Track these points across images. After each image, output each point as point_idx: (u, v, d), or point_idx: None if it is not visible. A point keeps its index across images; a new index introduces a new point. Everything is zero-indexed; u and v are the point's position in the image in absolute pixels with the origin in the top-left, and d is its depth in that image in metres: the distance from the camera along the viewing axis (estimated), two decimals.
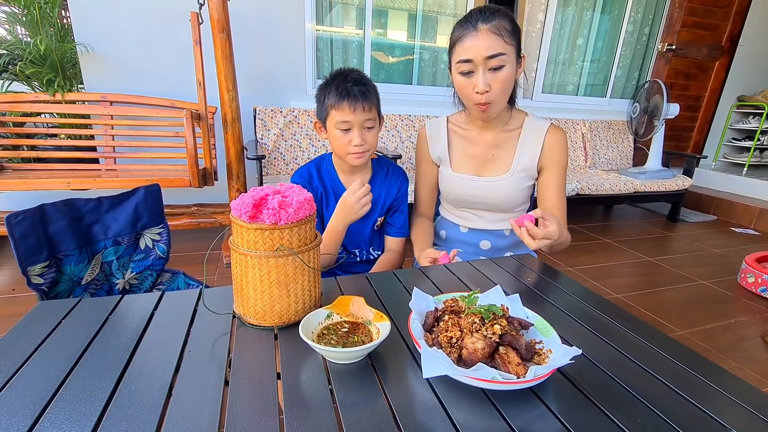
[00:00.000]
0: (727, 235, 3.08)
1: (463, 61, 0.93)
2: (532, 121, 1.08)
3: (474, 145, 1.11)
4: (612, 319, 0.72)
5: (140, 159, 2.28)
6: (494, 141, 1.09)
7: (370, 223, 1.15)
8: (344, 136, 1.00)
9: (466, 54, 0.91)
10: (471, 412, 0.49)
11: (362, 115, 0.99)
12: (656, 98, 3.21)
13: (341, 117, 0.98)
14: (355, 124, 0.99)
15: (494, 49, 0.89)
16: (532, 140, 1.06)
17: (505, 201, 1.10)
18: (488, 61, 0.90)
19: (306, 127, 2.58)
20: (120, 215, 1.05)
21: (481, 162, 1.11)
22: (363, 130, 1.01)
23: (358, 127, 0.99)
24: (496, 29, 0.89)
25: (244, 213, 0.59)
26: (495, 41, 0.89)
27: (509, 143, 1.08)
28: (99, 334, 0.60)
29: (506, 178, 1.08)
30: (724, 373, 0.59)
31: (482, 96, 0.93)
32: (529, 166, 1.07)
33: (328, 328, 0.61)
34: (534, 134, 1.06)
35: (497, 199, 1.10)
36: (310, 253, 0.64)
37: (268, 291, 0.61)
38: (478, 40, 0.89)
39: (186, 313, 0.67)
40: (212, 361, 0.56)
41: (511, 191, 1.09)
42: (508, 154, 1.08)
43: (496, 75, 0.92)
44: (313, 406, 0.49)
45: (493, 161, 1.10)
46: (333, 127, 1.01)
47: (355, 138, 1.00)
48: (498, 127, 1.08)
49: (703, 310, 1.91)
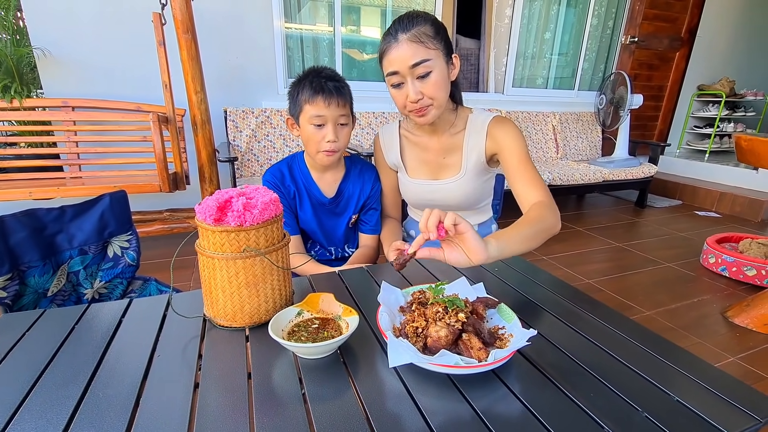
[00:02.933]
0: (691, 219, 3.23)
1: (391, 74, 0.92)
2: (475, 117, 1.07)
3: (425, 151, 1.11)
4: (573, 303, 0.75)
5: (107, 165, 2.21)
6: (443, 146, 1.09)
7: (344, 221, 1.16)
8: (318, 131, 1.00)
9: (392, 66, 0.91)
10: (437, 397, 0.51)
11: (336, 111, 0.98)
12: (621, 89, 3.32)
13: (315, 111, 0.98)
14: (329, 119, 0.99)
15: (416, 57, 0.88)
16: (476, 135, 1.05)
17: (463, 200, 1.12)
18: (414, 69, 0.89)
19: (279, 127, 2.56)
20: (85, 224, 1.03)
21: (434, 167, 1.11)
22: (336, 126, 1.00)
23: (332, 122, 0.99)
24: (415, 37, 0.88)
25: (208, 216, 0.59)
26: (416, 49, 0.88)
27: (457, 144, 1.08)
28: (65, 344, 0.60)
29: (459, 179, 1.09)
30: (675, 348, 0.62)
31: (416, 104, 0.93)
32: (478, 161, 1.06)
33: (299, 325, 0.62)
34: (477, 129, 1.05)
35: (455, 199, 1.12)
36: (278, 252, 0.65)
37: (237, 292, 0.62)
38: (400, 50, 0.89)
39: (155, 318, 0.67)
40: (182, 365, 0.56)
41: (467, 190, 1.10)
42: (457, 157, 1.09)
43: (425, 81, 0.91)
44: (284, 403, 0.50)
45: (445, 165, 1.11)
46: (306, 122, 1.00)
47: (329, 133, 0.99)
48: (445, 130, 1.07)
49: (669, 290, 2.01)
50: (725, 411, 0.51)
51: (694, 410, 0.50)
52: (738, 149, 1.67)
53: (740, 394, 0.53)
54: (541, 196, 0.93)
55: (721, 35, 4.27)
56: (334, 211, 1.15)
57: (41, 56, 2.11)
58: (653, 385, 0.55)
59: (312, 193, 1.12)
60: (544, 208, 0.88)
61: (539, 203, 0.90)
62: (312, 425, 0.47)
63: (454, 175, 1.10)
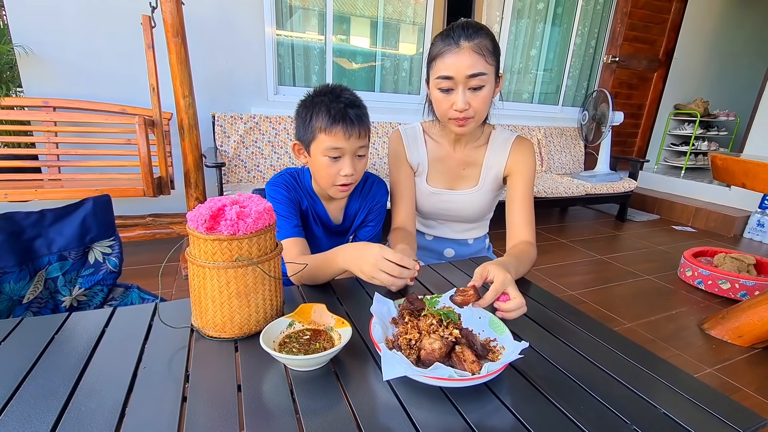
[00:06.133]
0: (668, 233, 3.33)
1: (443, 78, 0.91)
2: (498, 134, 1.10)
3: (446, 160, 1.12)
4: (560, 315, 0.77)
5: (88, 168, 2.15)
6: (464, 157, 1.10)
7: (344, 241, 1.14)
8: (332, 164, 0.89)
9: (447, 71, 0.90)
10: (430, 410, 0.51)
11: (356, 143, 0.88)
12: (603, 106, 3.43)
13: (333, 143, 0.87)
14: (347, 151, 0.88)
15: (476, 68, 0.88)
16: (498, 152, 1.08)
17: (474, 213, 1.14)
18: (469, 80, 0.89)
19: (268, 134, 2.55)
20: (65, 228, 1.00)
21: (452, 177, 1.12)
22: (354, 158, 0.91)
23: (350, 155, 0.89)
24: (478, 48, 0.88)
25: (200, 224, 0.58)
26: (477, 61, 0.88)
27: (477, 158, 1.10)
28: (44, 355, 0.57)
29: (476, 192, 1.11)
30: (658, 360, 0.65)
31: (460, 113, 0.92)
32: (496, 177, 1.10)
33: (290, 336, 0.62)
34: (500, 146, 1.08)
35: (467, 211, 1.14)
36: (271, 262, 0.64)
37: (228, 302, 0.61)
38: (460, 58, 0.88)
39: (140, 328, 0.65)
40: (169, 377, 0.55)
41: (482, 203, 1.12)
42: (477, 169, 1.11)
43: (476, 94, 0.91)
44: (275, 415, 0.49)
45: (463, 177, 1.12)
46: (320, 153, 0.89)
47: (346, 167, 0.89)
48: (469, 143, 1.10)
49: (648, 303, 2.06)
50: (709, 423, 0.52)
51: (679, 422, 0.51)
52: (713, 167, 1.74)
53: (722, 407, 0.55)
54: (532, 236, 1.02)
55: (696, 58, 4.47)
56: (337, 231, 1.11)
57: (22, 54, 2.06)
58: (640, 397, 0.56)
59: (319, 216, 1.05)
60: (533, 249, 0.99)
61: (529, 244, 0.99)
62: (302, 425, 0.46)
63: (471, 187, 1.11)
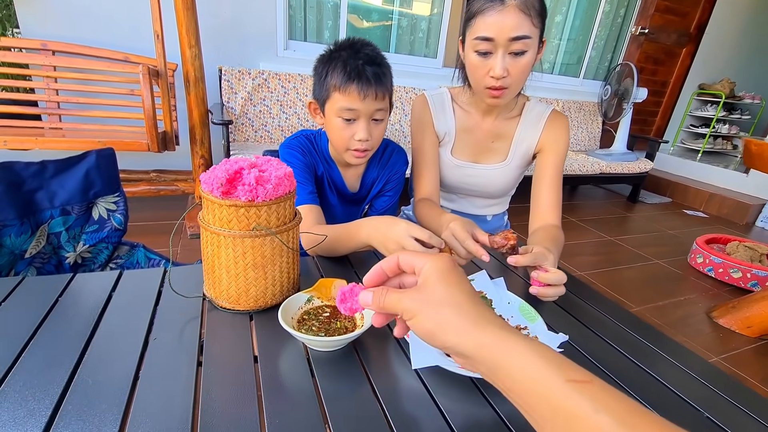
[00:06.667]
0: (680, 217, 3.27)
1: (482, 39, 0.81)
2: (533, 107, 1.02)
3: (474, 131, 1.04)
4: (573, 292, 0.75)
5: (90, 118, 2.07)
6: (494, 129, 1.03)
7: (359, 212, 1.09)
8: (346, 127, 0.83)
9: (488, 31, 0.80)
10: (459, 400, 0.48)
11: (373, 105, 0.81)
12: (627, 81, 3.27)
13: (346, 103, 0.80)
14: (362, 114, 0.81)
15: (520, 30, 0.78)
16: (531, 126, 1.01)
17: (498, 189, 1.08)
18: (511, 43, 0.80)
19: (276, 92, 2.44)
20: (68, 182, 0.94)
21: (479, 149, 1.05)
22: (370, 122, 0.83)
23: (366, 118, 0.82)
24: (525, 7, 0.78)
25: (216, 188, 0.53)
26: (522, 21, 0.78)
27: (508, 131, 1.02)
28: (47, 320, 0.54)
29: (503, 167, 1.04)
30: (669, 341, 0.64)
31: (497, 81, 0.83)
32: (526, 153, 1.03)
33: (309, 312, 0.58)
34: (534, 120, 1.01)
35: (491, 187, 1.07)
36: (290, 232, 0.59)
37: (243, 273, 0.56)
38: (505, 17, 0.78)
39: (149, 295, 0.61)
40: (181, 347, 0.51)
41: (506, 180, 1.06)
42: (507, 142, 1.03)
43: (517, 61, 0.82)
44: (294, 392, 0.46)
45: (491, 150, 1.05)
46: (333, 113, 0.83)
47: (360, 131, 0.82)
48: (501, 114, 1.02)
49: (657, 287, 2.04)
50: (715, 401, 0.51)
51: (687, 400, 0.48)
52: (746, 153, 1.66)
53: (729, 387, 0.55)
54: (558, 219, 0.95)
55: (729, 34, 4.23)
56: (353, 200, 1.04)
57: None
58: (650, 374, 0.53)
59: (334, 183, 0.99)
60: (562, 235, 0.90)
61: (557, 228, 0.92)
62: (326, 418, 0.43)
63: (499, 161, 1.05)
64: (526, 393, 0.28)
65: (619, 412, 0.24)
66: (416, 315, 0.33)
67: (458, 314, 0.31)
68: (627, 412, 0.24)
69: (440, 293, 0.33)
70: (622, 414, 0.23)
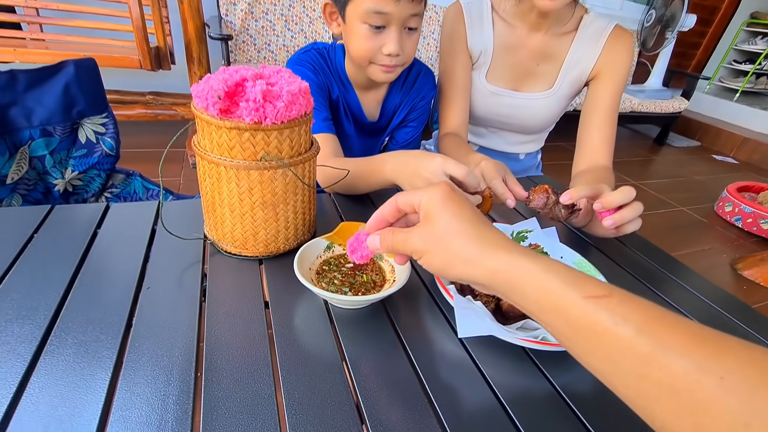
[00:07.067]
0: (707, 163, 3.09)
1: None
2: (591, 21, 0.84)
3: (517, 50, 0.86)
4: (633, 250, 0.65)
5: (75, 29, 1.85)
6: (542, 47, 0.85)
7: (378, 145, 0.96)
8: (374, 36, 0.68)
9: None
10: (509, 371, 0.41)
11: (408, 7, 0.65)
12: (675, 5, 2.89)
13: (376, 5, 0.64)
14: (394, 20, 0.66)
15: None
16: (588, 45, 0.83)
17: (538, 123, 0.93)
18: None
19: (280, 5, 2.16)
20: (45, 97, 0.81)
21: (521, 73, 0.88)
22: (403, 31, 0.69)
23: (398, 25, 0.67)
24: None
25: (211, 103, 0.41)
26: None
27: (559, 51, 0.85)
28: (17, 262, 0.45)
29: (548, 96, 0.88)
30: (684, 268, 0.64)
31: None
32: (578, 79, 0.86)
33: (329, 262, 0.49)
34: (592, 37, 0.83)
35: (531, 120, 0.92)
36: (306, 165, 0.48)
37: (250, 213, 0.46)
38: None
39: (141, 233, 0.52)
40: (181, 294, 0.43)
41: (549, 112, 0.90)
42: (555, 65, 0.86)
43: None
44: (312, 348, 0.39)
45: (535, 75, 0.88)
46: (358, 19, 0.67)
47: (391, 43, 0.67)
48: (553, 27, 0.84)
49: (681, 235, 1.96)
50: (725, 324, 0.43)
51: None
52: None
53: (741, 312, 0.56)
54: (611, 161, 0.82)
55: None
56: (372, 130, 0.90)
57: None
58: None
59: (351, 110, 0.84)
60: (612, 178, 0.78)
61: (609, 171, 0.80)
62: (351, 381, 0.37)
63: (544, 89, 0.88)
64: (544, 313, 0.27)
65: (639, 323, 0.22)
66: (424, 253, 0.32)
67: (465, 244, 0.30)
68: (648, 320, 0.23)
69: (443, 225, 0.31)
70: (643, 324, 0.22)
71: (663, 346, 0.21)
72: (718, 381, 0.19)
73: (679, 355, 0.21)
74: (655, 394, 0.21)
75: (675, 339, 0.21)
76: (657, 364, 0.21)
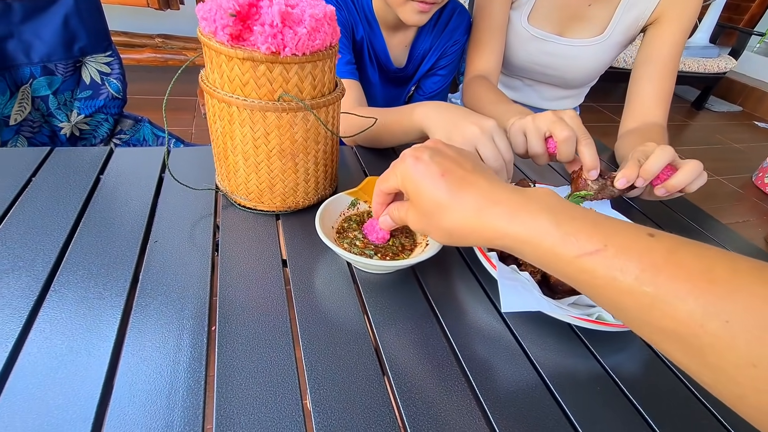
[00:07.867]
0: (749, 130, 2.89)
1: None
2: None
3: None
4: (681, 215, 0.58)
5: None
6: None
7: (403, 95, 0.87)
8: None
9: None
10: (554, 350, 0.37)
11: None
12: None
13: None
14: None
15: None
16: None
17: (582, 75, 0.83)
18: None
19: None
20: (43, 30, 0.75)
21: (568, 16, 0.77)
22: None
23: None
24: None
25: (220, 26, 0.34)
26: None
27: None
28: (12, 209, 0.41)
29: (598, 43, 0.78)
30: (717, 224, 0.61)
31: None
32: (633, 24, 0.75)
33: (352, 220, 0.44)
34: None
35: (575, 71, 0.82)
36: (329, 109, 0.42)
37: (266, 162, 0.41)
38: None
39: (148, 181, 0.47)
40: (192, 247, 0.39)
41: (598, 61, 0.80)
42: (608, 9, 0.75)
43: None
44: (335, 314, 0.35)
45: (585, 18, 0.77)
46: None
47: None
48: None
49: (714, 206, 1.85)
50: None
51: None
52: None
53: None
54: (665, 118, 0.72)
55: None
56: (397, 78, 0.82)
57: None
58: None
59: (376, 54, 0.76)
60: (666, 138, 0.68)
61: (663, 129, 0.70)
62: (379, 352, 0.33)
63: (593, 35, 0.78)
64: (547, 271, 0.27)
65: (637, 273, 0.22)
66: (426, 233, 0.32)
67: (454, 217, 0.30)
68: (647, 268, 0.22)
69: (426, 204, 0.31)
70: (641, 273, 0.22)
71: (665, 292, 0.21)
72: (723, 324, 0.19)
73: (681, 301, 0.20)
74: (663, 338, 0.22)
75: (677, 284, 0.21)
76: (659, 312, 0.21)
